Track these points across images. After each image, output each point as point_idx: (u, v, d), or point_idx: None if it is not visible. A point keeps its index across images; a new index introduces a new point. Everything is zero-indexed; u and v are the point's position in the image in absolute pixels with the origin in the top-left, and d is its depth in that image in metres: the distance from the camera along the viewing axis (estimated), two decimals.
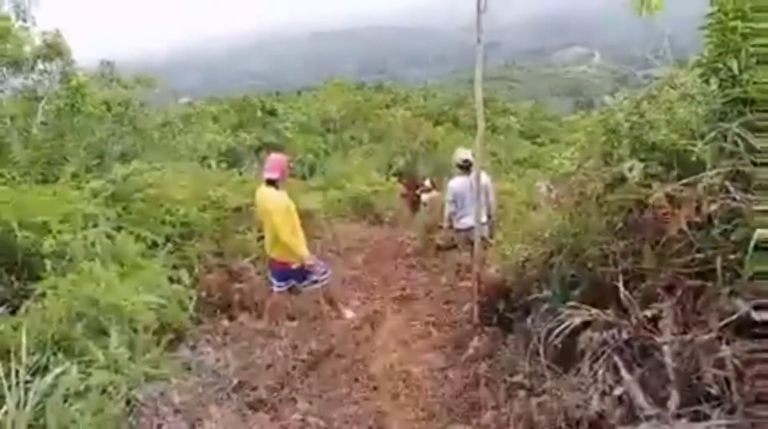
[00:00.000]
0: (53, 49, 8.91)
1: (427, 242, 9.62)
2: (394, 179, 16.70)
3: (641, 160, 3.23)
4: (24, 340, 3.31)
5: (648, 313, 2.96)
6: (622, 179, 3.33)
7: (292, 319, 5.70)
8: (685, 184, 2.96)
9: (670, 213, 2.97)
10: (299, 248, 5.23)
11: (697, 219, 2.85)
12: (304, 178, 15.59)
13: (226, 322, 5.43)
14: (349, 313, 5.89)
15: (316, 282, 5.51)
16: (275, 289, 5.63)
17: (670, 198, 3.00)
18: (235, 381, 4.14)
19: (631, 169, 3.20)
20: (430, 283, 7.23)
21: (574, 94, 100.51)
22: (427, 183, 15.73)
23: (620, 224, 3.35)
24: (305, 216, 7.66)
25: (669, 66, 3.74)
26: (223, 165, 11.06)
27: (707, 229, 2.80)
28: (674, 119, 3.30)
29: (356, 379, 4.39)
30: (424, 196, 15.11)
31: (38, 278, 4.21)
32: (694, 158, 3.04)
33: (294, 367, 4.49)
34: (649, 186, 3.11)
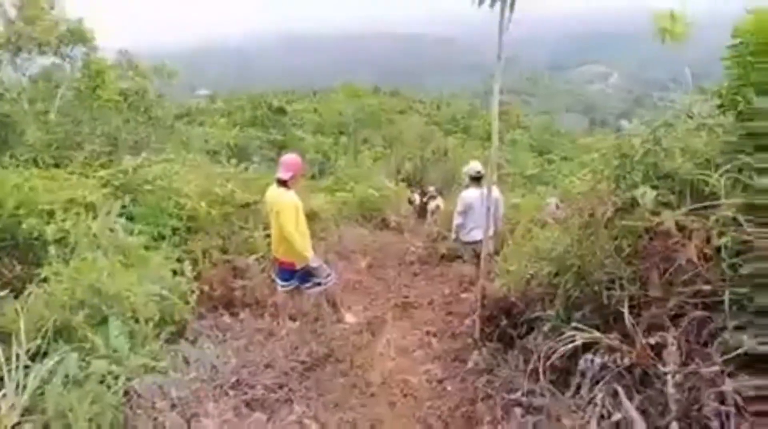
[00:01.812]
0: (76, 35, 8.99)
1: (431, 251, 9.60)
2: (402, 185, 16.70)
3: (654, 187, 3.21)
4: (24, 324, 3.33)
5: (651, 340, 2.95)
6: (633, 204, 3.31)
7: (293, 319, 5.70)
8: (696, 214, 2.95)
9: (680, 242, 2.96)
10: (304, 249, 5.23)
11: (707, 250, 2.84)
12: (313, 178, 15.61)
13: (227, 319, 5.44)
14: (350, 318, 5.88)
15: (319, 284, 5.51)
16: (279, 288, 5.64)
17: (680, 227, 2.99)
18: (233, 378, 4.14)
19: (643, 196, 3.18)
20: (432, 293, 7.20)
21: (588, 112, 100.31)
22: (432, 190, 15.70)
23: (629, 249, 3.34)
24: (312, 217, 7.66)
25: (687, 93, 3.73)
26: (233, 161, 11.09)
27: (716, 260, 2.78)
28: (690, 148, 3.29)
29: (354, 385, 4.37)
30: (431, 204, 15.10)
31: (40, 264, 4.23)
32: (707, 189, 3.03)
33: (293, 368, 4.48)
34: (660, 214, 3.10)
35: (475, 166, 6.43)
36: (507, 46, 4.29)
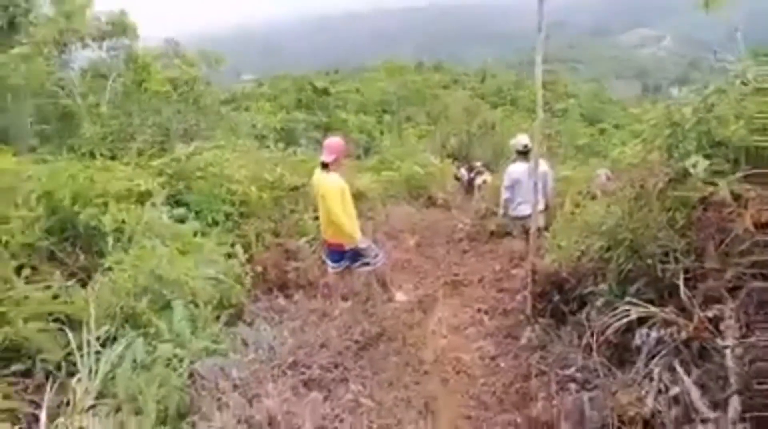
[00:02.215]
0: (119, 27, 9.22)
1: (480, 227, 9.53)
2: (448, 161, 16.56)
3: (707, 156, 3.11)
4: (93, 312, 3.52)
5: (709, 313, 2.88)
6: (686, 175, 3.22)
7: (345, 299, 5.79)
8: (752, 182, 2.85)
9: (735, 211, 2.87)
10: (353, 231, 5.31)
11: (765, 218, 2.75)
12: (358, 158, 15.67)
13: (281, 301, 5.58)
14: (401, 296, 5.94)
15: (368, 264, 5.59)
16: (330, 269, 5.75)
17: (735, 196, 2.89)
18: (290, 359, 4.26)
19: (695, 165, 3.09)
20: (482, 270, 7.16)
21: (641, 77, 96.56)
22: (479, 165, 15.50)
23: (682, 221, 3.26)
24: (358, 197, 7.72)
25: (740, 58, 3.58)
26: (281, 144, 11.26)
27: None
28: (743, 114, 3.16)
29: (407, 363, 4.44)
30: (478, 180, 14.92)
31: (103, 253, 4.43)
32: (765, 155, 2.92)
33: (347, 348, 4.57)
34: (715, 183, 3.00)
35: (522, 139, 6.33)
36: (552, 12, 4.19)
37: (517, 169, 6.18)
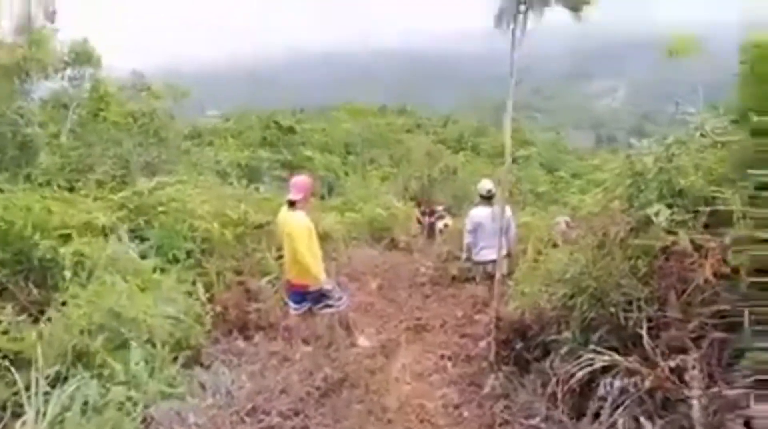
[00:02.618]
0: (82, 57, 9.08)
1: (442, 271, 9.55)
2: (410, 204, 16.69)
3: (668, 206, 3.22)
4: (44, 350, 3.35)
5: (672, 363, 2.93)
6: (647, 223, 3.31)
7: (306, 342, 5.67)
8: (712, 232, 2.95)
9: (696, 261, 2.95)
10: (318, 271, 5.24)
11: (725, 269, 2.83)
12: (322, 197, 15.64)
13: (241, 343, 5.43)
14: (363, 341, 5.85)
15: (331, 306, 5.51)
16: (291, 310, 5.64)
17: (696, 246, 2.98)
18: (249, 405, 4.12)
19: (657, 214, 3.18)
20: (445, 315, 7.14)
21: (596, 127, 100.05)
22: (440, 209, 15.67)
23: (644, 269, 3.33)
24: (322, 237, 7.66)
25: (699, 111, 3.74)
26: (244, 182, 11.15)
27: (735, 279, 2.77)
28: (702, 166, 3.30)
29: (370, 411, 4.33)
30: (439, 223, 15.05)
31: (57, 288, 4.25)
32: (722, 206, 3.03)
33: (308, 394, 4.45)
34: (676, 232, 3.09)
35: (486, 184, 6.43)
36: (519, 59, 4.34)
37: (480, 213, 6.26)
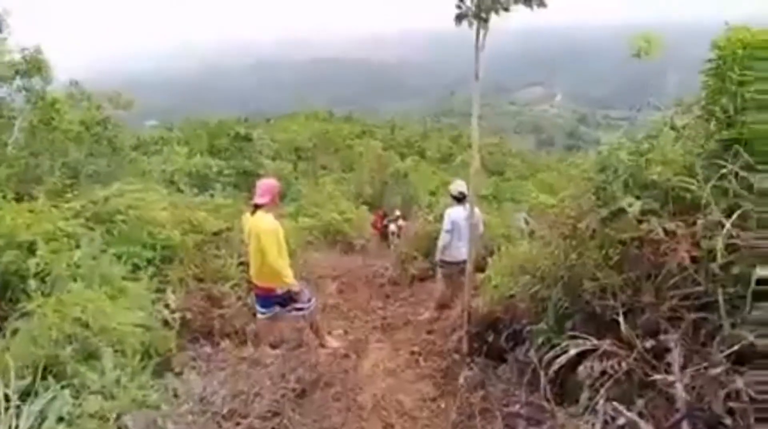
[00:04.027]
0: (33, 65, 8.72)
1: (401, 272, 9.64)
2: (364, 208, 16.79)
3: (636, 198, 3.36)
4: (10, 363, 3.20)
5: (649, 344, 3.05)
6: (616, 214, 3.45)
7: (273, 347, 5.62)
8: (683, 221, 3.10)
9: (669, 248, 3.09)
10: (287, 274, 5.20)
11: (696, 254, 2.98)
12: None
13: (208, 349, 5.31)
14: (333, 342, 5.84)
15: (301, 309, 5.48)
16: (259, 315, 5.57)
17: (668, 233, 3.12)
18: (225, 409, 4.04)
19: (630, 205, 3.32)
20: (408, 313, 7.23)
21: (535, 131, 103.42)
22: (397, 212, 15.86)
23: (616, 258, 3.46)
24: None
25: (668, 105, 3.90)
26: (194, 190, 10.92)
27: (707, 264, 2.92)
28: (668, 159, 3.46)
29: (348, 408, 4.33)
30: (392, 226, 15.23)
31: (17, 299, 4.06)
32: (689, 196, 3.19)
33: (283, 396, 4.40)
34: (645, 221, 3.23)
35: (458, 186, 6.53)
36: (453, 68, 4.43)
37: (457, 213, 6.32)
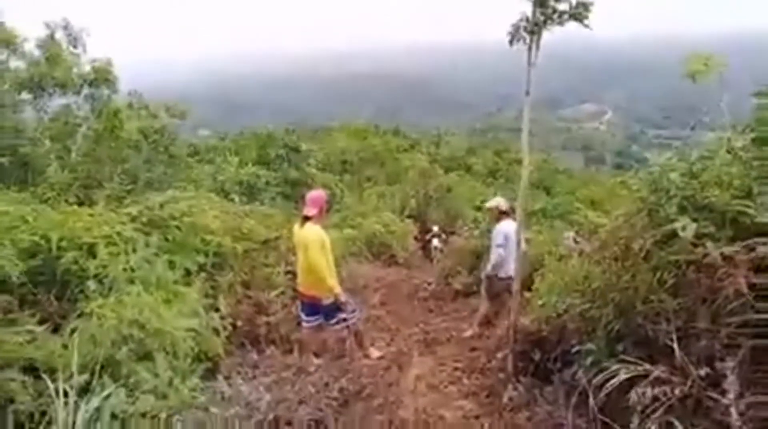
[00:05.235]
0: (101, 76, 9.15)
1: (444, 286, 9.60)
2: (408, 221, 16.79)
3: (693, 220, 3.27)
4: (70, 360, 3.34)
5: (703, 371, 2.97)
6: (670, 236, 3.37)
7: (317, 355, 5.68)
8: (741, 246, 3.01)
9: (726, 273, 3.00)
10: (334, 283, 5.27)
11: (755, 280, 2.89)
12: None
13: (254, 355, 5.41)
14: (375, 353, 5.87)
15: (345, 320, 5.53)
16: (303, 324, 5.65)
17: (725, 258, 3.03)
18: (271, 415, 4.10)
19: (684, 228, 3.23)
20: (451, 329, 7.18)
21: (584, 149, 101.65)
22: (436, 229, 15.83)
23: (671, 281, 3.38)
24: None
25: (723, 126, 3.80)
26: (244, 198, 11.19)
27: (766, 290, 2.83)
28: (725, 181, 3.37)
29: (390, 422, 4.34)
30: (434, 241, 15.20)
31: (77, 299, 4.24)
32: (747, 220, 3.10)
33: (327, 405, 4.44)
34: (701, 245, 3.15)
35: (503, 203, 6.51)
36: (506, 84, 4.42)
37: (508, 227, 6.21)
